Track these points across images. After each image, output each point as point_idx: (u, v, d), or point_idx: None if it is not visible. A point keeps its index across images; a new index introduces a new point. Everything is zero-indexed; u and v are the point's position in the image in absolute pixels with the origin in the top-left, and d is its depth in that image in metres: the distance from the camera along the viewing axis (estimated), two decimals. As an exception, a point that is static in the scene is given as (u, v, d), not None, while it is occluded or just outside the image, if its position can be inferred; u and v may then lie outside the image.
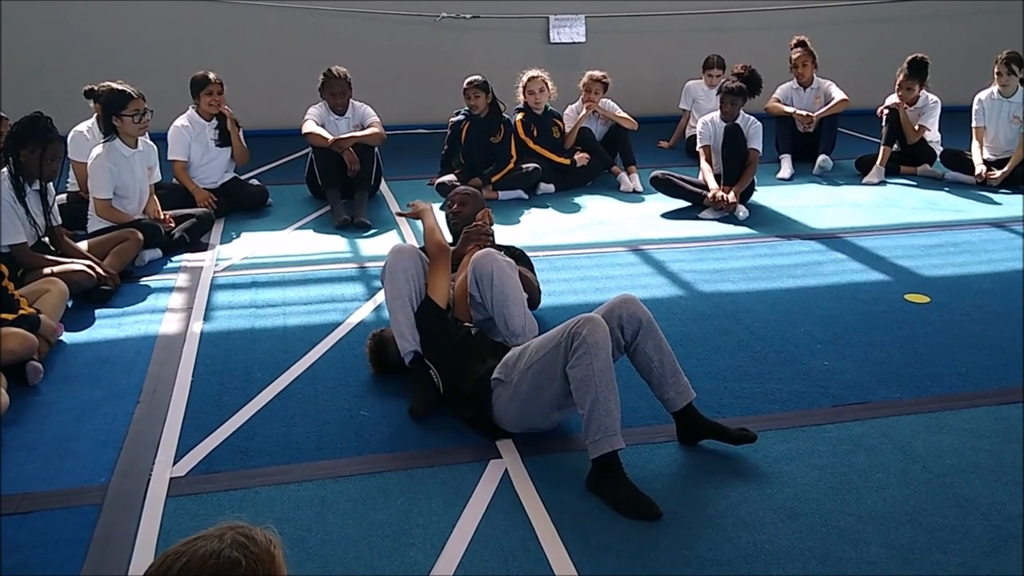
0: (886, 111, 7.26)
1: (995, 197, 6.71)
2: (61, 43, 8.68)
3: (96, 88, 5.53)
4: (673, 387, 3.13)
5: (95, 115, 5.80)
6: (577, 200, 6.73)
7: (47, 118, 4.61)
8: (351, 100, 6.60)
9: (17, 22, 8.55)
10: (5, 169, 4.56)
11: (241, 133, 6.48)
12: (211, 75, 6.28)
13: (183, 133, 6.25)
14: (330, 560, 2.59)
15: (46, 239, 4.78)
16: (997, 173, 6.91)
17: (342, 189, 6.33)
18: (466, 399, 3.30)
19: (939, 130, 7.37)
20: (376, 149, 6.56)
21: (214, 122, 6.34)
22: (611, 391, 2.88)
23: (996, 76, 7.05)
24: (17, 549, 2.64)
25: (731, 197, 6.10)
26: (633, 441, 3.18)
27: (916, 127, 7.21)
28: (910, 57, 7.13)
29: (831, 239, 5.69)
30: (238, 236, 5.84)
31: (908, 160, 7.37)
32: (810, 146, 7.60)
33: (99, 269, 4.70)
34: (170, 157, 6.18)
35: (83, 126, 5.89)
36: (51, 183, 4.78)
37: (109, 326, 4.36)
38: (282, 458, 3.14)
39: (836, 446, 3.18)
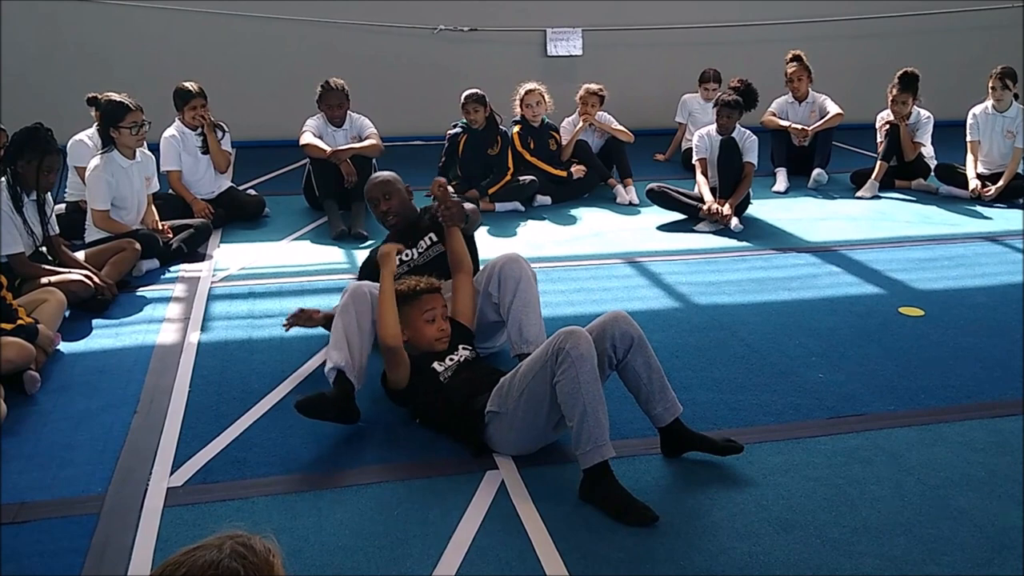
0: (887, 126, 7.30)
1: (988, 211, 6.75)
2: (60, 52, 8.70)
3: (99, 96, 5.55)
4: (661, 402, 3.14)
5: (96, 123, 5.82)
6: (573, 212, 6.76)
7: (47, 130, 4.63)
8: (349, 112, 6.63)
9: (16, 31, 8.57)
10: (3, 179, 4.57)
11: (227, 139, 6.48)
12: (193, 87, 6.29)
13: (172, 143, 6.26)
14: (327, 571, 2.59)
15: (43, 249, 4.79)
16: (991, 188, 6.95)
17: (339, 200, 6.35)
18: (459, 429, 3.25)
19: (932, 144, 7.42)
20: (374, 161, 6.58)
21: (199, 130, 6.35)
22: (599, 401, 2.90)
23: (991, 91, 7.10)
24: (15, 558, 2.65)
25: (726, 210, 6.13)
26: (628, 453, 3.21)
27: (912, 142, 7.26)
28: (900, 71, 7.18)
29: (826, 252, 5.72)
30: (235, 246, 5.85)
31: (902, 174, 7.41)
32: (805, 160, 7.63)
33: (96, 279, 4.71)
34: (163, 168, 6.19)
35: (84, 135, 5.91)
36: (48, 194, 4.79)
37: (106, 336, 4.37)
38: (279, 469, 3.14)
39: (831, 458, 3.20)
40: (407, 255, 4.19)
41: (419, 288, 3.45)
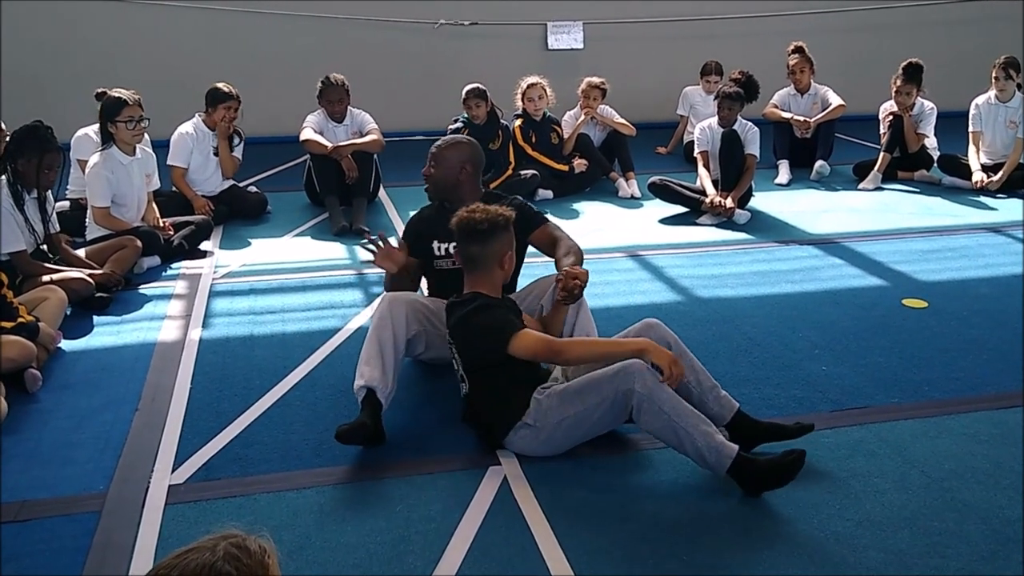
0: (890, 117, 7.27)
1: (991, 202, 6.73)
2: (62, 50, 8.69)
3: (109, 91, 5.54)
4: (715, 403, 3.15)
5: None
6: (575, 206, 6.74)
7: (47, 128, 4.63)
8: (349, 107, 6.61)
9: (21, 26, 8.56)
10: (4, 177, 4.57)
11: (241, 146, 6.49)
12: (233, 91, 6.28)
13: (186, 140, 6.25)
14: (329, 567, 2.59)
15: (44, 247, 4.79)
16: (994, 177, 6.91)
17: (340, 196, 6.34)
18: (499, 406, 3.16)
19: (935, 135, 7.39)
20: (375, 156, 6.57)
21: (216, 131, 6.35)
22: (691, 414, 2.91)
23: (993, 81, 7.07)
24: (16, 557, 2.65)
25: (729, 203, 6.12)
26: (630, 449, 3.20)
27: (916, 133, 7.23)
28: (905, 62, 7.15)
29: (829, 244, 5.70)
30: (236, 243, 5.85)
31: (905, 165, 7.38)
32: (808, 152, 7.61)
33: (96, 273, 4.71)
34: (169, 162, 6.18)
35: (90, 129, 5.91)
36: (49, 192, 4.79)
37: (108, 334, 4.36)
38: (281, 465, 3.14)
39: (834, 451, 3.18)
40: (453, 248, 3.72)
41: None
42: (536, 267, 4.87)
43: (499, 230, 3.18)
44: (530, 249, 3.97)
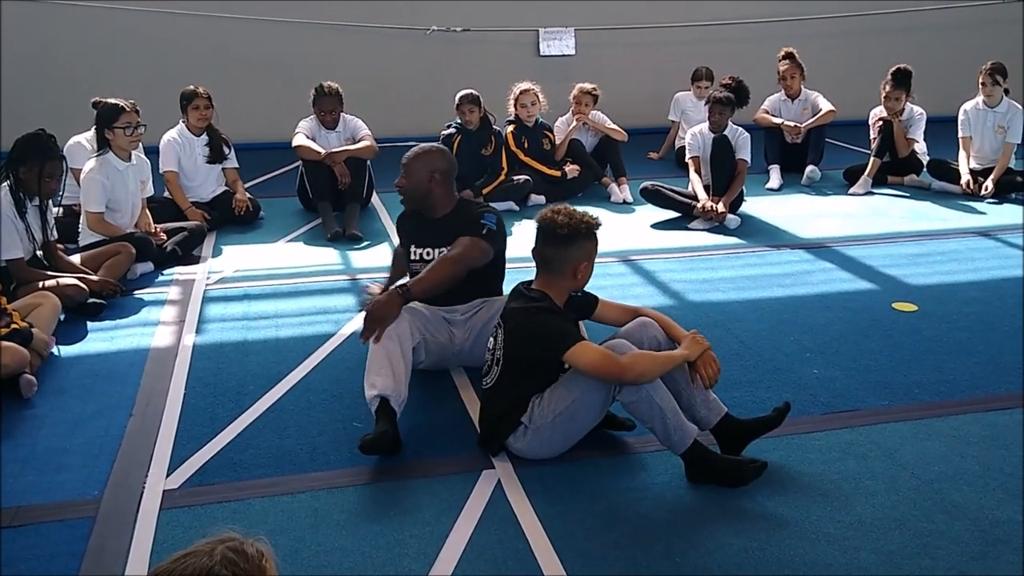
0: (880, 123, 7.31)
1: (981, 206, 6.77)
2: (58, 55, 8.68)
3: (105, 100, 5.54)
4: (703, 406, 3.16)
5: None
6: (568, 211, 6.75)
7: (49, 136, 4.64)
8: (342, 114, 6.62)
9: (16, 34, 8.55)
10: (6, 184, 4.58)
11: (233, 155, 6.51)
12: (199, 89, 6.31)
13: (172, 146, 6.28)
14: (324, 571, 2.60)
15: (39, 254, 4.79)
16: (990, 185, 6.90)
17: (333, 202, 6.35)
18: (491, 420, 3.21)
19: (925, 140, 7.44)
20: (368, 162, 6.58)
21: (204, 138, 6.36)
22: (669, 398, 2.98)
23: (981, 87, 7.12)
24: (11, 562, 2.65)
25: (720, 207, 6.15)
26: (625, 452, 3.22)
27: (906, 138, 7.27)
28: (894, 68, 7.19)
29: (819, 249, 5.73)
30: (230, 249, 5.85)
31: (895, 170, 7.42)
32: (798, 157, 7.65)
33: (91, 279, 4.71)
34: (162, 169, 6.21)
35: (83, 136, 5.92)
36: (50, 200, 4.80)
37: (102, 339, 4.37)
38: (275, 470, 3.15)
39: (825, 454, 3.21)
40: (427, 254, 3.88)
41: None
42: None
43: (579, 237, 3.17)
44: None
